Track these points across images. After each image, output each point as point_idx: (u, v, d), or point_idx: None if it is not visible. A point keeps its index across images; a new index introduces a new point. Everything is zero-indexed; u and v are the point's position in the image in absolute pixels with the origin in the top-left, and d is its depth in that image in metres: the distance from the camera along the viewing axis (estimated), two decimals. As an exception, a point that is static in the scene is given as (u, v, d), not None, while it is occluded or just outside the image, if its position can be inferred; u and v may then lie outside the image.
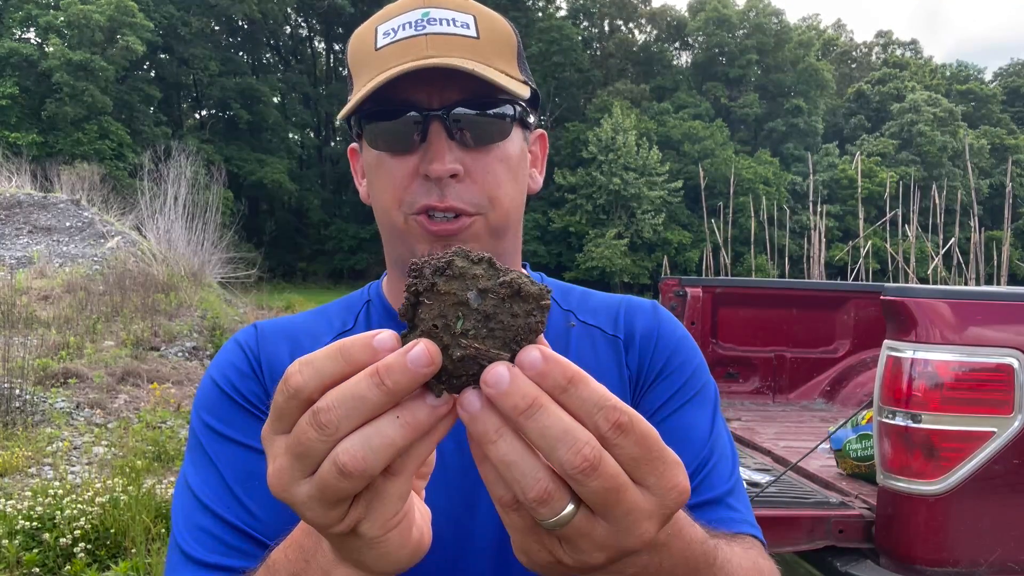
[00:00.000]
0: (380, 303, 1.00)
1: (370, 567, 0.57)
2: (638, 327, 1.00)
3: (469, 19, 0.89)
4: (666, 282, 4.32)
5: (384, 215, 0.92)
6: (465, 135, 0.87)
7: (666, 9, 56.50)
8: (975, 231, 9.28)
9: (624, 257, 41.47)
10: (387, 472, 0.51)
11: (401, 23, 0.88)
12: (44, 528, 4.19)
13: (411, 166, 0.88)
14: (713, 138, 47.36)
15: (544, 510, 0.50)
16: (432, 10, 0.88)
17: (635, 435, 0.50)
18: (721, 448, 0.94)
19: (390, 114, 0.87)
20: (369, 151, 0.92)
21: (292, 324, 0.99)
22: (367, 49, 0.90)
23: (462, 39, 0.87)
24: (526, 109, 0.93)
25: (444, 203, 0.87)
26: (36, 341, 8.50)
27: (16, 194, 14.22)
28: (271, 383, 0.91)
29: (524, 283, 0.51)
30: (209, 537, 0.83)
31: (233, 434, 0.88)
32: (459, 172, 0.87)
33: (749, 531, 0.89)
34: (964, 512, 2.25)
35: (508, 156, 0.91)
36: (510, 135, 0.91)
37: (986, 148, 50.52)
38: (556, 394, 0.48)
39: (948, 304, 2.30)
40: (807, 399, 4.44)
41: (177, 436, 6.28)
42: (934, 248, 10.71)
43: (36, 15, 35.40)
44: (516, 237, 0.97)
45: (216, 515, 0.83)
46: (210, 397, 0.91)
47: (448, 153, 0.86)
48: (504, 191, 0.90)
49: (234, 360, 0.93)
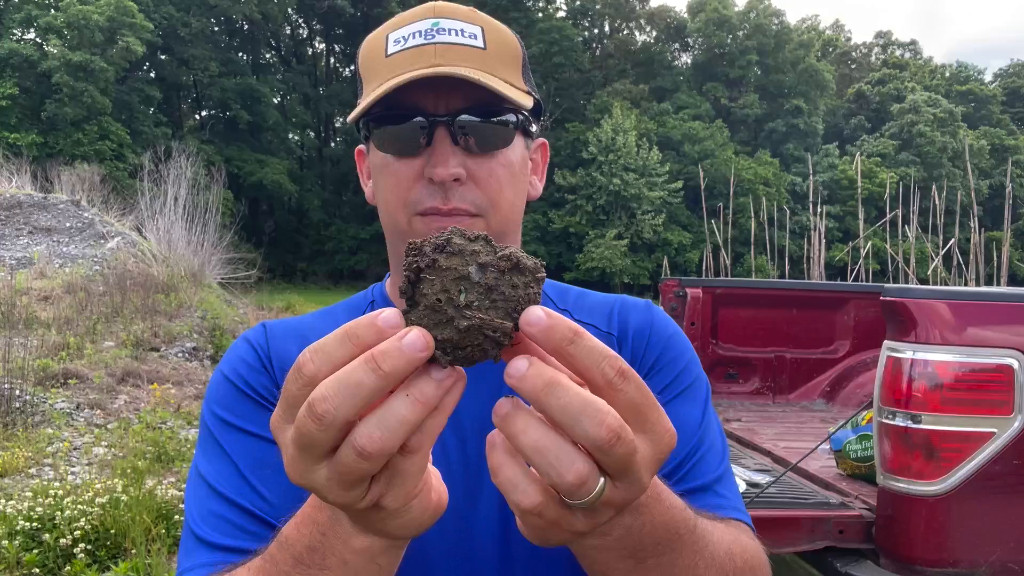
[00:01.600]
0: (384, 303, 1.03)
1: (392, 534, 0.60)
2: (631, 324, 1.03)
3: (477, 30, 0.93)
4: (666, 283, 4.32)
5: (389, 216, 0.95)
6: (469, 141, 0.90)
7: (666, 10, 56.50)
8: (975, 232, 9.27)
9: (624, 258, 41.47)
10: (404, 450, 0.53)
11: (412, 31, 0.92)
12: (44, 529, 4.19)
13: (416, 169, 0.91)
14: (713, 139, 47.36)
15: (583, 491, 0.52)
16: (442, 20, 0.92)
17: (635, 380, 0.53)
18: (711, 438, 0.97)
19: (398, 118, 0.91)
20: (376, 153, 0.95)
21: (300, 324, 1.02)
22: (378, 55, 0.93)
23: (470, 49, 0.91)
24: (528, 118, 0.96)
25: (448, 205, 0.90)
26: (36, 342, 8.49)
27: (16, 195, 14.22)
28: (281, 377, 0.93)
29: (521, 257, 0.53)
30: (222, 521, 0.84)
31: (245, 425, 0.90)
32: (462, 176, 0.90)
33: (738, 516, 0.92)
34: (964, 512, 2.25)
35: (510, 162, 0.94)
36: (512, 142, 0.94)
37: (986, 149, 50.53)
38: (564, 345, 0.51)
39: (948, 305, 2.30)
40: (807, 400, 4.44)
41: (177, 436, 6.28)
42: (934, 249, 10.70)
43: (36, 16, 35.40)
44: (516, 243, 1.01)
45: (229, 500, 0.85)
46: (221, 391, 0.93)
47: (452, 158, 0.89)
48: (505, 196, 0.93)
49: (244, 356, 0.95)
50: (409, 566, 0.72)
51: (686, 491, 0.89)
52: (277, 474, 0.85)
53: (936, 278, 10.17)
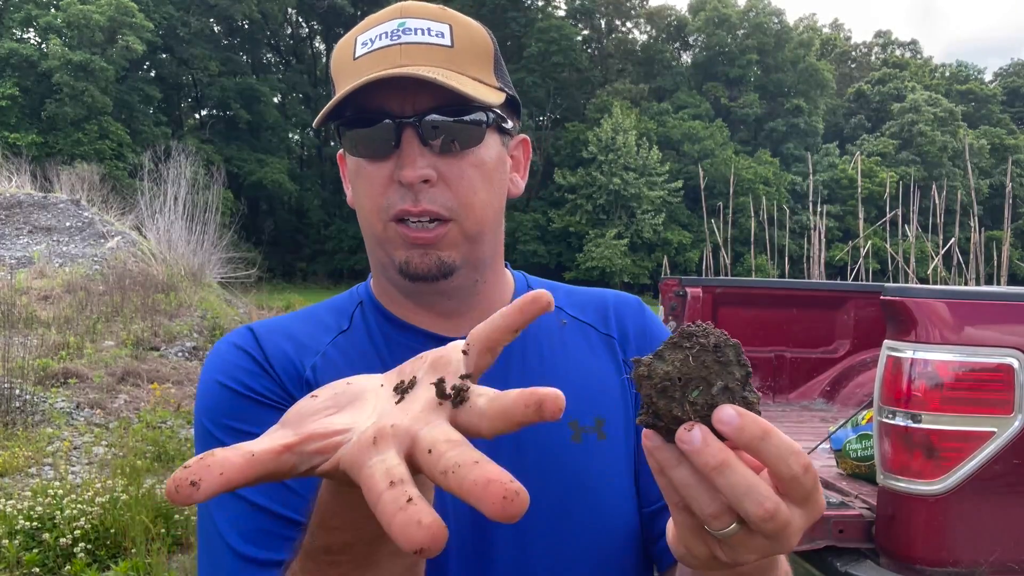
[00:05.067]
0: (372, 304, 1.02)
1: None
2: (630, 326, 1.03)
3: (445, 28, 0.92)
4: (666, 282, 4.32)
5: (365, 220, 0.94)
6: (437, 142, 0.89)
7: (665, 9, 56.48)
8: (975, 231, 9.28)
9: (624, 257, 41.47)
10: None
11: (378, 33, 0.91)
12: (44, 528, 4.19)
13: (387, 172, 0.90)
14: (713, 138, 47.34)
15: (715, 523, 0.58)
16: (408, 20, 0.91)
17: (813, 473, 0.57)
18: None
19: (366, 121, 0.90)
20: (350, 157, 0.95)
21: (286, 324, 1.00)
22: (346, 59, 0.93)
23: (436, 48, 0.90)
24: (501, 115, 0.94)
25: (418, 207, 0.88)
26: (36, 341, 8.49)
27: (16, 194, 14.22)
28: (285, 378, 0.92)
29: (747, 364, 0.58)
30: (264, 535, 0.83)
31: (259, 430, 0.88)
32: (432, 178, 0.88)
33: None
34: (964, 512, 2.25)
35: (482, 162, 0.92)
36: (484, 141, 0.92)
37: (986, 148, 50.51)
38: (755, 443, 0.55)
39: (948, 304, 2.30)
40: (807, 399, 4.44)
41: (177, 436, 6.28)
42: (934, 248, 10.71)
43: (36, 15, 35.40)
44: (496, 242, 0.99)
45: (266, 510, 0.84)
46: (223, 402, 0.90)
47: (420, 159, 0.88)
48: (478, 197, 0.92)
49: (239, 362, 0.93)
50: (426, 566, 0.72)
51: None
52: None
53: (936, 278, 10.18)
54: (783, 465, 0.56)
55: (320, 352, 0.95)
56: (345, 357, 0.95)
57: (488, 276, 0.99)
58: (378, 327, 0.99)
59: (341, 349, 0.96)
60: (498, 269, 1.02)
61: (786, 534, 0.58)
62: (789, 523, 0.57)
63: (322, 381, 0.92)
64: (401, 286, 0.96)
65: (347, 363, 0.94)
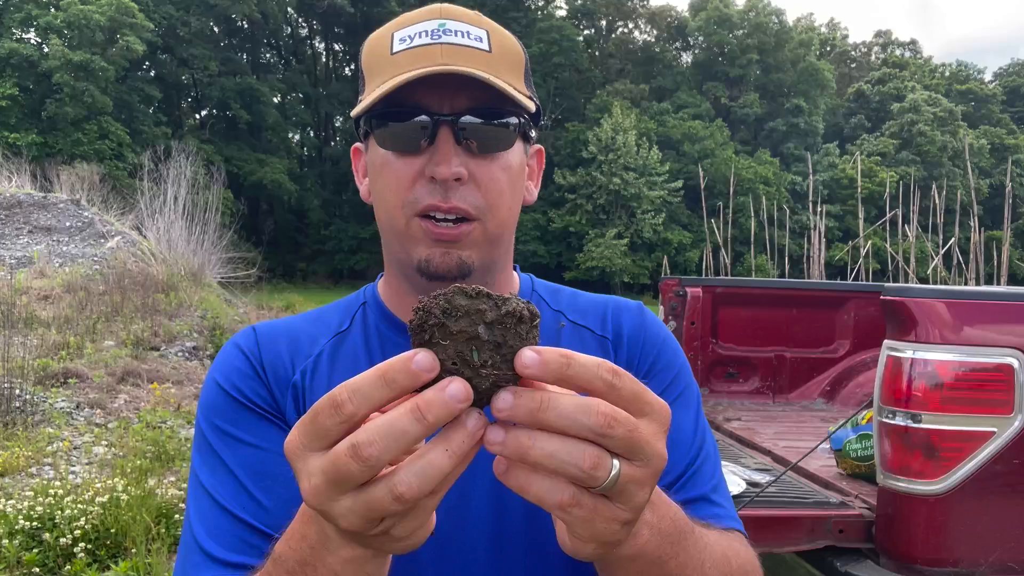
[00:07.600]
0: (375, 304, 1.03)
1: (385, 551, 0.63)
2: (625, 327, 1.04)
3: (483, 33, 0.93)
4: (666, 282, 4.32)
5: (386, 215, 0.95)
6: (472, 142, 0.90)
7: (666, 9, 56.49)
8: (975, 231, 9.27)
9: (624, 257, 41.48)
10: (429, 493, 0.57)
11: (418, 31, 0.92)
12: (44, 528, 4.19)
13: (417, 167, 0.91)
14: (713, 138, 47.36)
15: (600, 473, 0.56)
16: (448, 22, 0.92)
17: (626, 375, 0.57)
18: (706, 448, 0.99)
19: (401, 116, 0.90)
20: (376, 151, 0.95)
21: (290, 326, 1.02)
22: (383, 53, 0.93)
23: (475, 51, 0.91)
24: (529, 122, 0.96)
25: (448, 204, 0.90)
26: (36, 341, 8.49)
27: (16, 194, 14.22)
28: (274, 384, 0.95)
29: (522, 309, 0.57)
30: (229, 536, 0.86)
31: (243, 435, 0.91)
32: (464, 176, 0.90)
33: (735, 525, 0.95)
34: (964, 512, 2.25)
35: (510, 166, 0.94)
36: (513, 146, 0.94)
37: (986, 148, 50.53)
38: (563, 371, 0.54)
39: (948, 304, 2.30)
40: (807, 399, 4.44)
41: (177, 436, 6.28)
42: (934, 248, 10.70)
43: (36, 15, 35.39)
44: (509, 246, 1.01)
45: (234, 516, 0.87)
46: (216, 400, 0.94)
47: (455, 157, 0.89)
48: (504, 200, 0.94)
49: (237, 364, 0.96)
50: (398, 567, 0.73)
51: (686, 500, 0.90)
52: (276, 484, 0.87)
53: (936, 277, 10.17)
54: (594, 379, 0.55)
55: (313, 356, 0.97)
56: (331, 361, 0.97)
57: (498, 278, 1.01)
58: (376, 327, 1.00)
59: (333, 352, 0.98)
60: (507, 272, 1.05)
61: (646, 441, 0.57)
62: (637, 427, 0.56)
63: (310, 387, 0.94)
64: (416, 283, 0.96)
65: (333, 368, 0.96)
